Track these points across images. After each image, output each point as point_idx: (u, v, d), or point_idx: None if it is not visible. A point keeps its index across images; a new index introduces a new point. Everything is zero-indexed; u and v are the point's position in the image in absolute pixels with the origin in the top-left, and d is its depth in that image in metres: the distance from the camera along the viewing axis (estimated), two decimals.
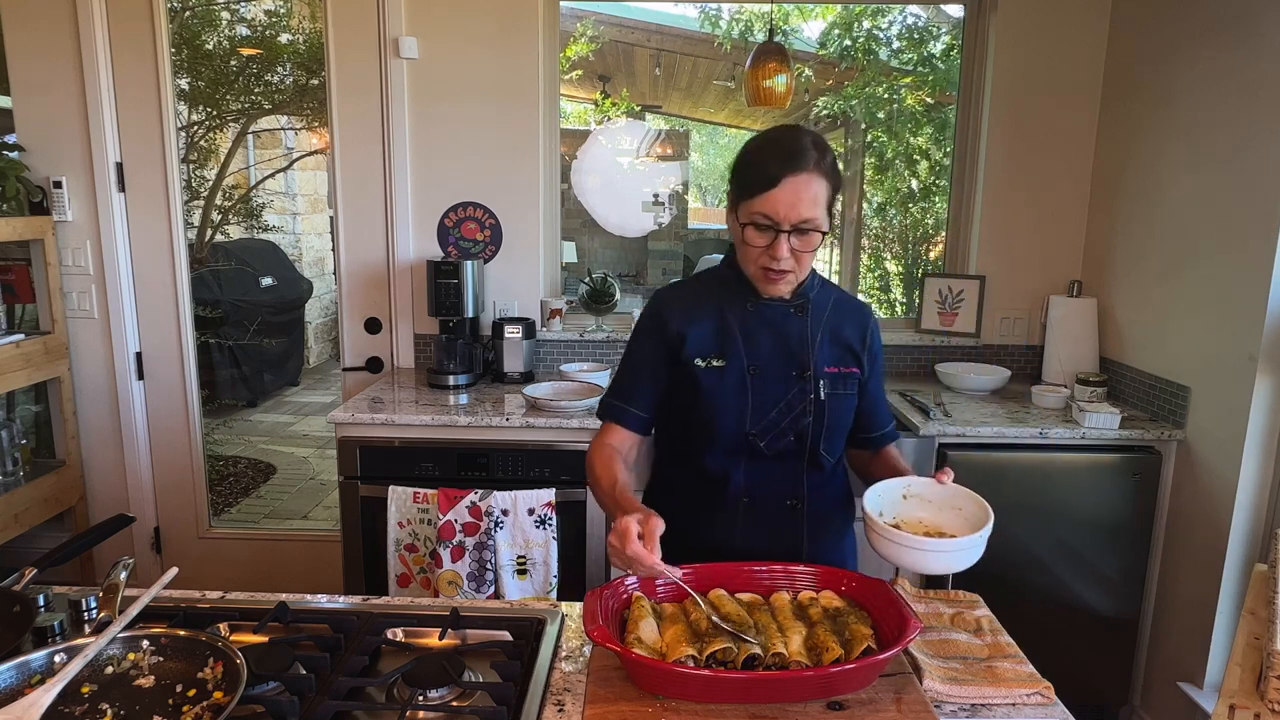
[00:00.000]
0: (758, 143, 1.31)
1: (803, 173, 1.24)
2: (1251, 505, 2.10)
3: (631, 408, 1.43)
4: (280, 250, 6.74)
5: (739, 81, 5.80)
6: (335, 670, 1.09)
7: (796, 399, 1.36)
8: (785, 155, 1.24)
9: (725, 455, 1.38)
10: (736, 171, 1.31)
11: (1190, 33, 2.32)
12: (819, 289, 1.43)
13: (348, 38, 2.78)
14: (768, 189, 1.24)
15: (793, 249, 1.28)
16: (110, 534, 1.44)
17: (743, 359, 1.36)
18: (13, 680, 0.99)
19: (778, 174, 1.24)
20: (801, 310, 1.39)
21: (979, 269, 2.91)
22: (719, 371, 1.36)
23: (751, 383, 1.36)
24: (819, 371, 1.37)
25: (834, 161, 1.29)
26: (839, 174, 1.30)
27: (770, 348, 1.37)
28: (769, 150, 1.27)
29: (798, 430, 1.37)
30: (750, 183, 1.27)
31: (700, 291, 1.43)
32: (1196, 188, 2.28)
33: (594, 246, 8.33)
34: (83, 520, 3.00)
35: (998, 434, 2.33)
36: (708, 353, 1.37)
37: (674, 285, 1.50)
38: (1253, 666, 1.64)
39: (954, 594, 1.42)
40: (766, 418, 1.36)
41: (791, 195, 1.24)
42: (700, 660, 1.06)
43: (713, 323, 1.38)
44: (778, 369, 1.37)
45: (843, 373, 1.40)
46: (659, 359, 1.41)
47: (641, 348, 1.44)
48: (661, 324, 1.41)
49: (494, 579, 2.26)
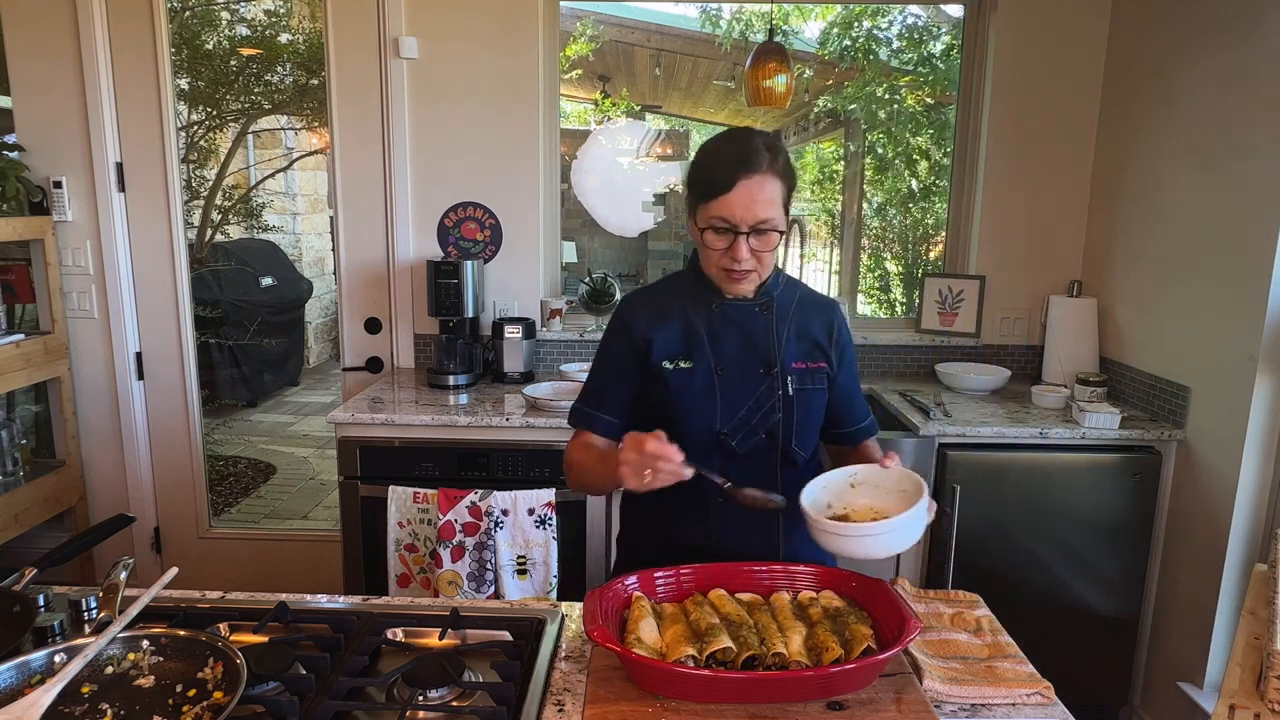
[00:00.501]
0: (711, 147, 1.33)
1: (756, 174, 1.26)
2: (1251, 505, 2.10)
3: (601, 414, 1.45)
4: (280, 250, 6.74)
5: (739, 81, 5.80)
6: (335, 670, 1.09)
7: (765, 396, 1.38)
8: (739, 159, 1.26)
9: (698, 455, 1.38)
10: (692, 177, 1.33)
11: (1190, 33, 2.32)
12: (784, 287, 1.44)
13: (348, 38, 2.78)
14: (724, 193, 1.27)
15: (752, 249, 1.30)
16: (110, 534, 1.44)
17: (710, 359, 1.39)
18: (13, 680, 0.99)
19: (732, 177, 1.26)
20: (766, 309, 1.40)
21: (979, 269, 2.91)
22: (687, 373, 1.38)
23: (720, 382, 1.38)
24: (786, 367, 1.38)
25: (787, 161, 1.31)
26: (793, 172, 1.33)
27: (737, 347, 1.39)
28: (722, 154, 1.29)
29: (768, 427, 1.38)
30: (706, 187, 1.29)
31: (666, 295, 1.45)
32: (1196, 187, 2.28)
33: (594, 246, 8.32)
34: (83, 520, 3.00)
35: (998, 434, 2.33)
36: (675, 355, 1.39)
37: (639, 290, 1.52)
38: (1253, 666, 1.64)
39: (954, 594, 1.42)
40: (736, 416, 1.38)
41: (747, 198, 1.26)
42: (700, 660, 1.06)
43: (679, 325, 1.41)
44: (745, 367, 1.39)
45: (810, 368, 1.40)
46: (627, 364, 1.43)
47: (609, 354, 1.46)
48: (628, 329, 1.43)
49: (494, 579, 2.26)
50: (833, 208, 8.01)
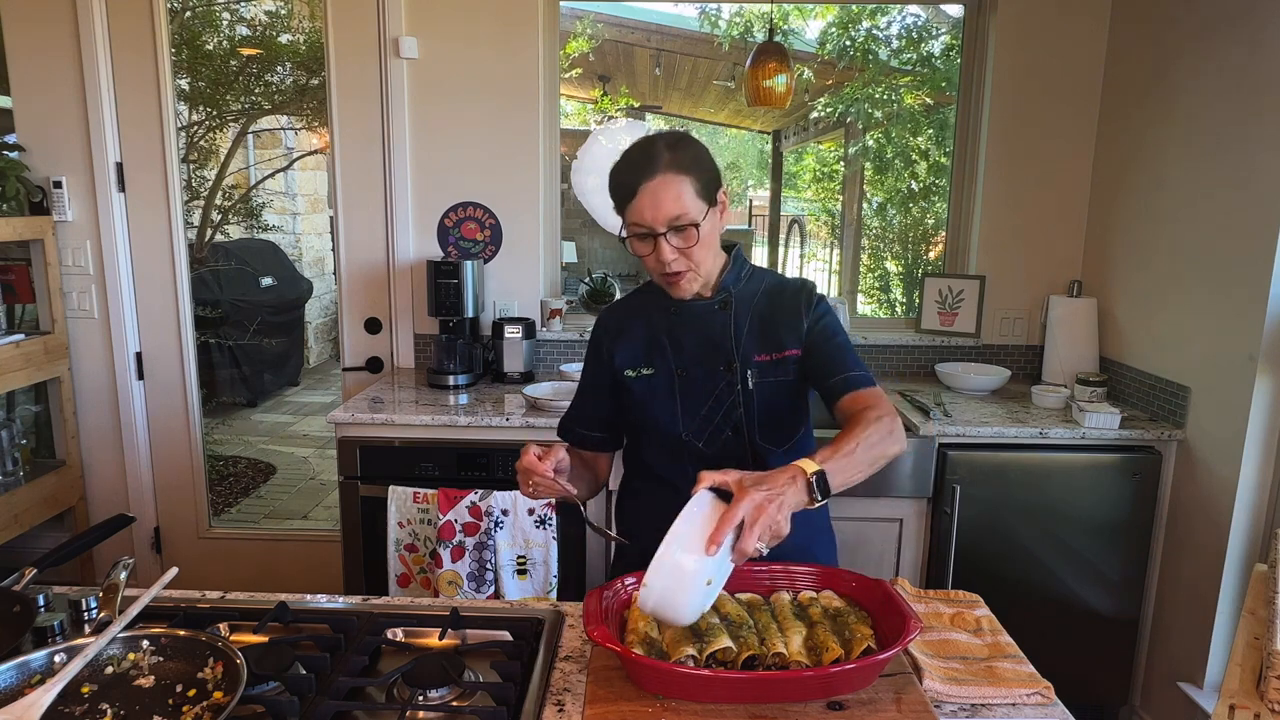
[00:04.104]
0: (618, 161, 1.35)
1: (656, 176, 1.28)
2: (1251, 505, 2.10)
3: (579, 428, 1.54)
4: (280, 250, 6.74)
5: (739, 81, 5.80)
6: (335, 670, 1.09)
7: (725, 392, 1.39)
8: (636, 166, 1.29)
9: (670, 458, 1.44)
10: (610, 195, 1.36)
11: (1190, 32, 2.32)
12: (747, 280, 1.44)
13: (348, 38, 2.78)
14: (630, 200, 1.30)
15: (676, 248, 1.31)
16: (110, 534, 1.44)
17: (670, 363, 1.42)
18: (13, 680, 0.99)
19: (634, 184, 1.29)
20: (725, 305, 1.41)
21: (979, 269, 2.91)
22: (648, 379, 1.43)
23: (680, 384, 1.41)
24: (747, 361, 1.38)
25: (696, 155, 1.31)
26: (704, 164, 1.32)
27: (695, 347, 1.41)
28: (623, 167, 1.32)
29: (732, 423, 1.39)
30: (618, 200, 1.33)
31: (631, 306, 1.51)
32: (1197, 187, 2.28)
33: (594, 246, 8.32)
34: (83, 520, 3.00)
35: (998, 434, 2.33)
36: (636, 363, 1.44)
37: (611, 305, 1.58)
38: (1253, 666, 1.64)
39: (954, 594, 1.42)
40: (698, 416, 1.40)
41: (651, 199, 1.28)
42: (700, 660, 1.06)
43: (641, 334, 1.45)
44: (705, 367, 1.40)
45: (775, 359, 1.39)
46: (600, 380, 1.50)
47: (586, 372, 1.55)
48: (598, 345, 1.50)
49: (494, 579, 2.26)
50: (833, 208, 8.01)
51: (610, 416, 1.52)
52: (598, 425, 1.52)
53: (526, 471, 1.26)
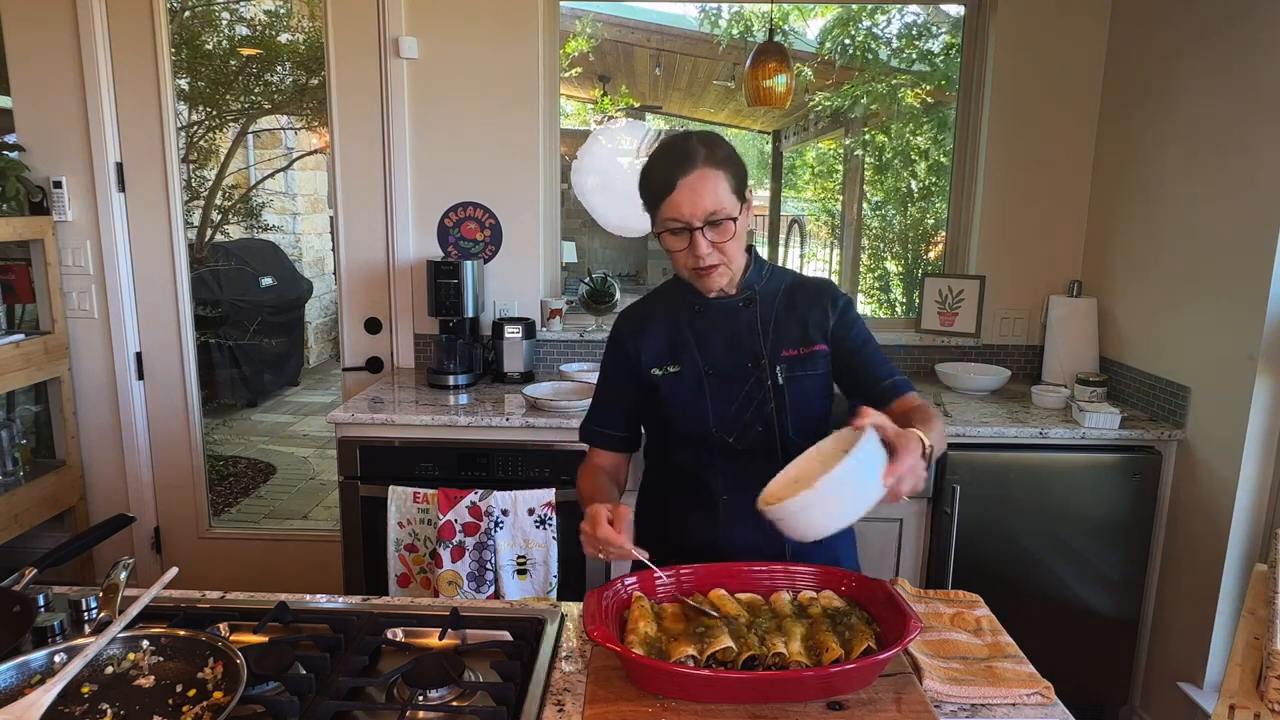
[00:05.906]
0: (651, 157, 1.37)
1: (694, 170, 1.30)
2: (1251, 505, 2.10)
3: (605, 429, 1.53)
4: (280, 250, 6.73)
5: (739, 81, 5.80)
6: (335, 670, 1.09)
7: (755, 389, 1.40)
8: (674, 160, 1.31)
9: (700, 455, 1.44)
10: (642, 191, 1.37)
11: (1190, 33, 2.32)
12: (769, 278, 1.45)
13: (348, 38, 2.78)
14: (668, 194, 1.31)
15: (711, 242, 1.32)
16: (110, 534, 1.44)
17: (697, 361, 1.42)
18: (13, 680, 0.99)
19: (672, 178, 1.30)
20: (750, 303, 1.43)
21: (979, 269, 2.91)
22: (675, 376, 1.43)
23: (708, 382, 1.41)
24: (775, 357, 1.40)
25: (728, 153, 1.34)
26: (736, 162, 1.35)
27: (722, 345, 1.42)
28: (660, 161, 1.34)
29: (763, 419, 1.40)
30: (653, 195, 1.34)
31: (653, 305, 1.52)
32: (1196, 187, 2.28)
33: (594, 246, 8.33)
34: (83, 520, 3.00)
35: (998, 434, 2.33)
36: (662, 361, 1.45)
37: (628, 306, 1.58)
38: (1253, 666, 1.64)
39: (954, 594, 1.42)
40: (729, 413, 1.41)
41: (689, 193, 1.29)
42: (700, 660, 1.06)
43: (666, 331, 1.46)
44: (733, 364, 1.41)
45: (803, 354, 1.41)
46: (623, 378, 1.50)
47: (607, 370, 1.54)
48: (619, 343, 1.50)
49: (494, 579, 2.26)
50: (833, 207, 8.01)
51: (633, 414, 1.52)
52: (622, 424, 1.52)
53: (604, 542, 1.21)
